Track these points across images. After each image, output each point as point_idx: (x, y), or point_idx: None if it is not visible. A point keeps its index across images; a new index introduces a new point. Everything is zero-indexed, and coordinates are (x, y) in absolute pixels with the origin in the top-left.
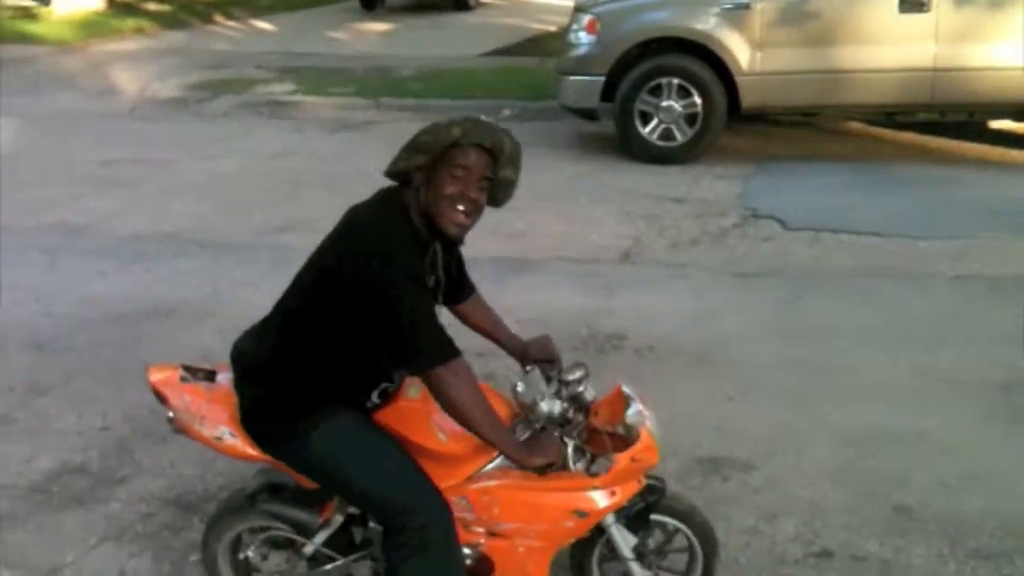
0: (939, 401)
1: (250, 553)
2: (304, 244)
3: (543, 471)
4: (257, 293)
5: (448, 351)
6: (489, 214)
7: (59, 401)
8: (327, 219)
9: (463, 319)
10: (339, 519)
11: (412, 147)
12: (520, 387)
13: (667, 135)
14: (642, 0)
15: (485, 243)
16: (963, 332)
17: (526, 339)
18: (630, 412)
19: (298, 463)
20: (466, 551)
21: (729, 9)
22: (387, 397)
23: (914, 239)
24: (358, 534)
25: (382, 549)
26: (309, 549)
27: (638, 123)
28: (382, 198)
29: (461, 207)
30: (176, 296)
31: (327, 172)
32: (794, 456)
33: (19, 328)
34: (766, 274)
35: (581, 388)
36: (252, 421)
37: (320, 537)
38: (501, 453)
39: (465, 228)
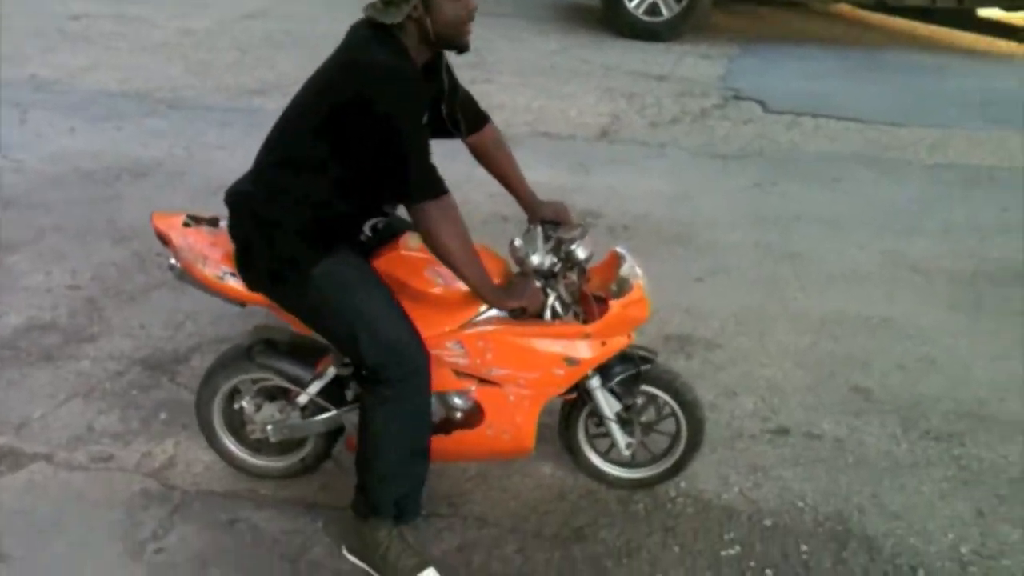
0: (906, 289)
1: (244, 403)
2: (277, 108)
3: (517, 315)
4: (230, 156)
5: (437, 187)
6: (468, 86)
7: (29, 258)
8: (301, 83)
9: (479, 157)
10: (332, 371)
11: None
12: (517, 242)
13: (653, 10)
14: None
15: None
16: (936, 222)
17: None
18: (624, 267)
19: (290, 303)
20: (456, 400)
21: None
22: (378, 233)
23: (895, 126)
24: (351, 389)
25: (360, 393)
26: (303, 399)
27: None
28: (379, 34)
29: (471, 22)
30: (148, 156)
31: (301, 33)
32: (758, 338)
33: None
34: (744, 156)
35: (575, 246)
36: (248, 261)
37: (314, 388)
38: (477, 294)
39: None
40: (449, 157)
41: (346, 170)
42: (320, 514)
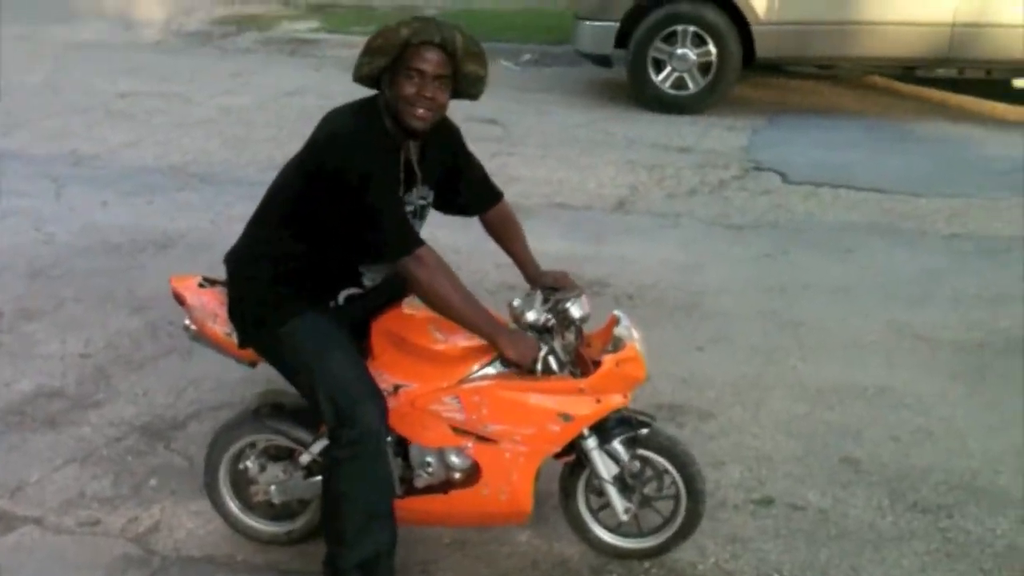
0: (908, 358)
1: (249, 463)
2: None
3: (508, 366)
4: None
5: (411, 242)
6: (490, 159)
7: (47, 327)
8: None
9: (488, 230)
10: None
11: (368, 51)
12: (516, 302)
13: (680, 84)
14: None
15: None
16: (947, 291)
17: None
18: (620, 327)
19: (268, 355)
20: (454, 459)
21: None
22: (354, 304)
23: (914, 196)
24: None
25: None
26: (305, 458)
27: (651, 71)
28: (359, 103)
29: (419, 106)
30: (174, 228)
31: None
32: (753, 407)
33: (18, 254)
34: (758, 227)
35: (569, 303)
36: (234, 314)
37: (316, 447)
38: (477, 332)
39: (425, 123)
40: (461, 227)
41: (319, 236)
42: None
